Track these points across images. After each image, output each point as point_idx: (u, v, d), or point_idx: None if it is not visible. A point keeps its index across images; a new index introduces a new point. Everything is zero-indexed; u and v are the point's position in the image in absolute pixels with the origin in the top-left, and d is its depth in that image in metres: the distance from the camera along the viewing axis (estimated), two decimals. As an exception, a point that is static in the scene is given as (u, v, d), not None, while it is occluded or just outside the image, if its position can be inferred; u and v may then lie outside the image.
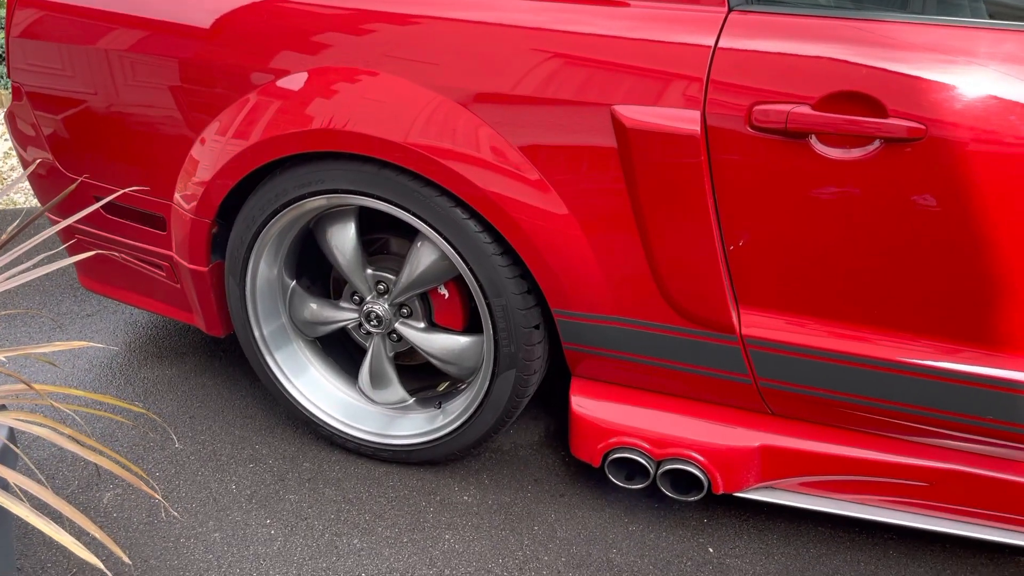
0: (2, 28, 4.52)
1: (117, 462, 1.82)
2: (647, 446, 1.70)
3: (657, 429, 1.70)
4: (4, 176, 3.92)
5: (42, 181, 2.12)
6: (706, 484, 1.68)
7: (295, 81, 1.65)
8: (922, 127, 1.27)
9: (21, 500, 1.27)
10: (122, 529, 1.77)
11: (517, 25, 1.49)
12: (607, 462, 1.75)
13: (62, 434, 1.42)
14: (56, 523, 1.46)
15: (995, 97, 1.25)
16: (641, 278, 1.54)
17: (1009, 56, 1.26)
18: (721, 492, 1.69)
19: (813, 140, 1.33)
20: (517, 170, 1.52)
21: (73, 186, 1.47)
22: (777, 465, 1.66)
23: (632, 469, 1.78)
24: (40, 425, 1.41)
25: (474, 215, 1.60)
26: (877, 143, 1.30)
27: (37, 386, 1.43)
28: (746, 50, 1.35)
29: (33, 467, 1.42)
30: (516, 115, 1.49)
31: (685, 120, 1.38)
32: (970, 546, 1.75)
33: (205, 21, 1.72)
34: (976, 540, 1.65)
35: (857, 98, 1.29)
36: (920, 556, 1.73)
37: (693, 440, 1.67)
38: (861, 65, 1.29)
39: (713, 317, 1.52)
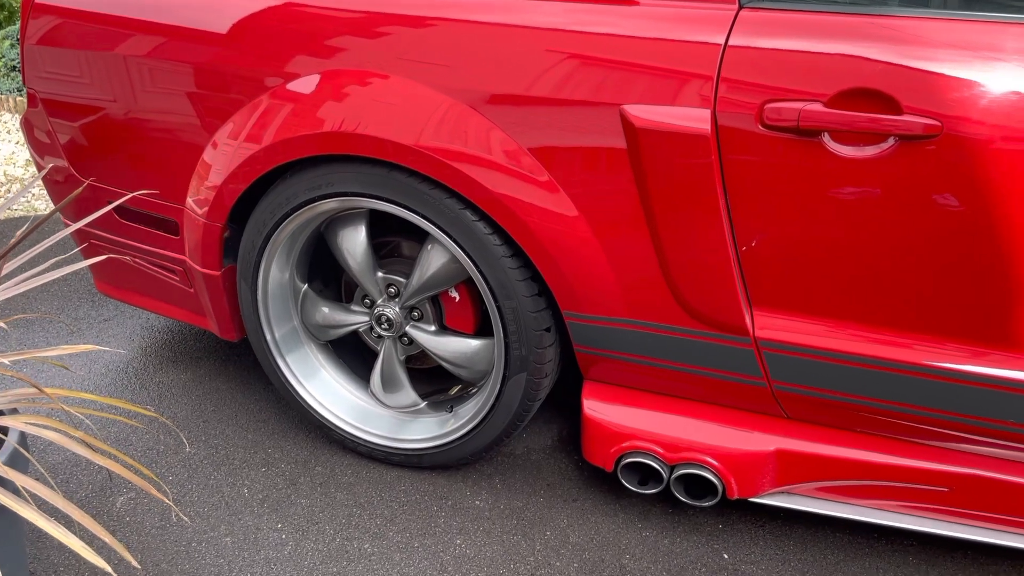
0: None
1: (129, 466, 1.84)
2: (660, 450, 1.67)
3: (670, 433, 1.67)
4: (26, 183, 3.96)
5: (60, 188, 2.13)
6: (720, 489, 1.66)
7: (307, 84, 1.65)
8: (938, 124, 1.24)
9: (29, 504, 1.27)
10: (134, 533, 1.77)
11: (526, 25, 1.48)
12: (620, 467, 1.73)
13: (72, 438, 1.43)
14: (67, 527, 1.46)
15: (1013, 92, 1.22)
16: (652, 280, 1.52)
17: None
18: (736, 497, 1.66)
19: (826, 138, 1.30)
20: (526, 172, 1.51)
21: (80, 189, 1.47)
22: (793, 469, 1.63)
23: (645, 474, 1.75)
24: (50, 429, 1.42)
25: (484, 217, 1.59)
26: (892, 140, 1.27)
27: (48, 390, 1.43)
28: (757, 47, 1.33)
29: (44, 472, 1.42)
30: (525, 116, 1.48)
31: (695, 119, 1.36)
32: (993, 553, 1.71)
33: (223, 26, 1.72)
34: (999, 547, 1.61)
35: (871, 95, 1.27)
36: (941, 563, 1.69)
37: (707, 444, 1.65)
38: (874, 61, 1.26)
39: (726, 319, 1.49)
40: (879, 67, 1.26)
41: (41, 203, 3.68)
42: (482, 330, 1.86)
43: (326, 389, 2.00)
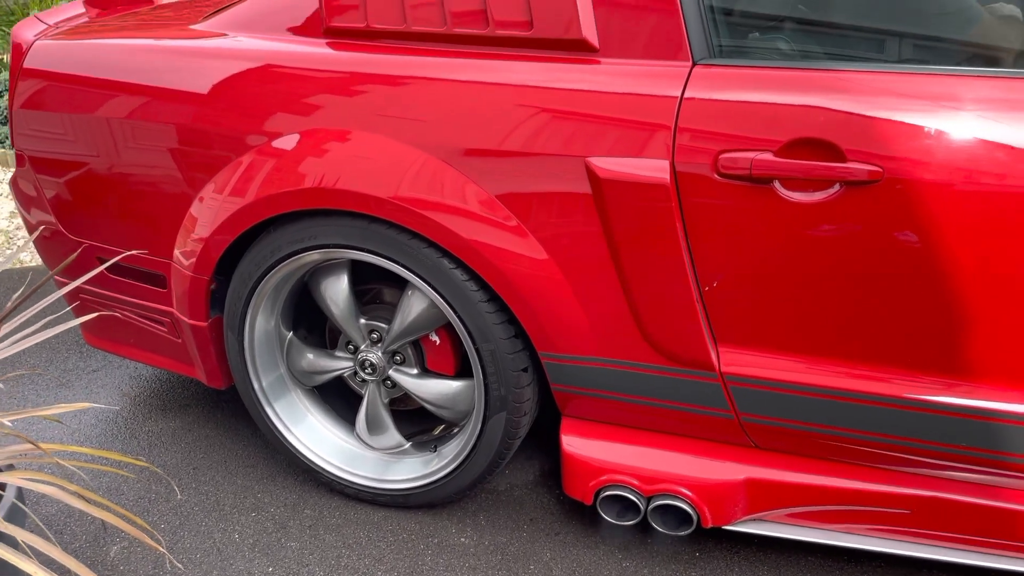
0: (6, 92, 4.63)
1: (122, 516, 1.88)
2: (636, 483, 1.74)
3: (646, 466, 1.74)
4: (11, 235, 4.00)
5: (47, 243, 2.19)
6: (695, 518, 1.72)
7: (288, 142, 1.72)
8: (879, 169, 1.33)
9: (30, 557, 1.31)
10: (128, 581, 1.81)
11: (495, 83, 1.57)
12: (599, 500, 1.79)
13: (68, 491, 1.48)
14: (63, 578, 1.50)
15: (948, 138, 1.31)
16: (622, 320, 1.59)
17: (959, 98, 1.33)
18: (711, 525, 1.72)
19: (777, 185, 1.39)
20: (500, 220, 1.59)
21: (76, 253, 1.54)
22: (763, 497, 1.70)
23: (623, 506, 1.82)
24: (47, 483, 1.47)
25: (460, 264, 1.66)
26: (837, 186, 1.36)
27: (44, 445, 1.49)
28: (710, 100, 1.42)
29: (41, 524, 1.47)
30: (496, 169, 1.56)
31: (655, 169, 1.44)
32: (956, 571, 1.78)
33: (204, 87, 1.80)
34: (961, 565, 1.67)
35: (816, 144, 1.36)
36: (910, 583, 1.76)
37: (681, 475, 1.72)
38: (818, 111, 1.36)
39: (692, 356, 1.57)
40: (822, 118, 1.36)
41: (27, 255, 3.72)
42: (463, 372, 1.92)
43: (313, 434, 2.06)
